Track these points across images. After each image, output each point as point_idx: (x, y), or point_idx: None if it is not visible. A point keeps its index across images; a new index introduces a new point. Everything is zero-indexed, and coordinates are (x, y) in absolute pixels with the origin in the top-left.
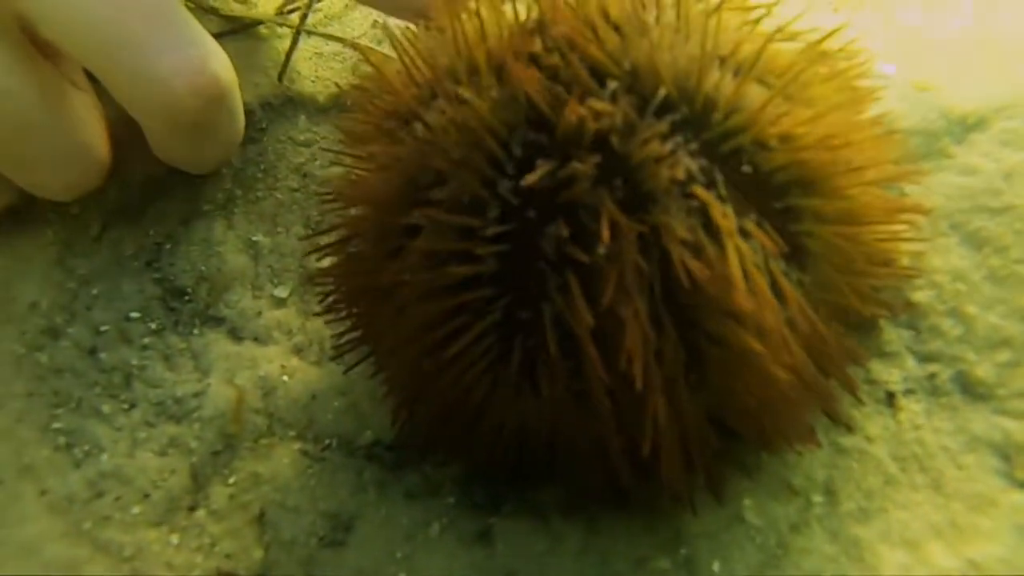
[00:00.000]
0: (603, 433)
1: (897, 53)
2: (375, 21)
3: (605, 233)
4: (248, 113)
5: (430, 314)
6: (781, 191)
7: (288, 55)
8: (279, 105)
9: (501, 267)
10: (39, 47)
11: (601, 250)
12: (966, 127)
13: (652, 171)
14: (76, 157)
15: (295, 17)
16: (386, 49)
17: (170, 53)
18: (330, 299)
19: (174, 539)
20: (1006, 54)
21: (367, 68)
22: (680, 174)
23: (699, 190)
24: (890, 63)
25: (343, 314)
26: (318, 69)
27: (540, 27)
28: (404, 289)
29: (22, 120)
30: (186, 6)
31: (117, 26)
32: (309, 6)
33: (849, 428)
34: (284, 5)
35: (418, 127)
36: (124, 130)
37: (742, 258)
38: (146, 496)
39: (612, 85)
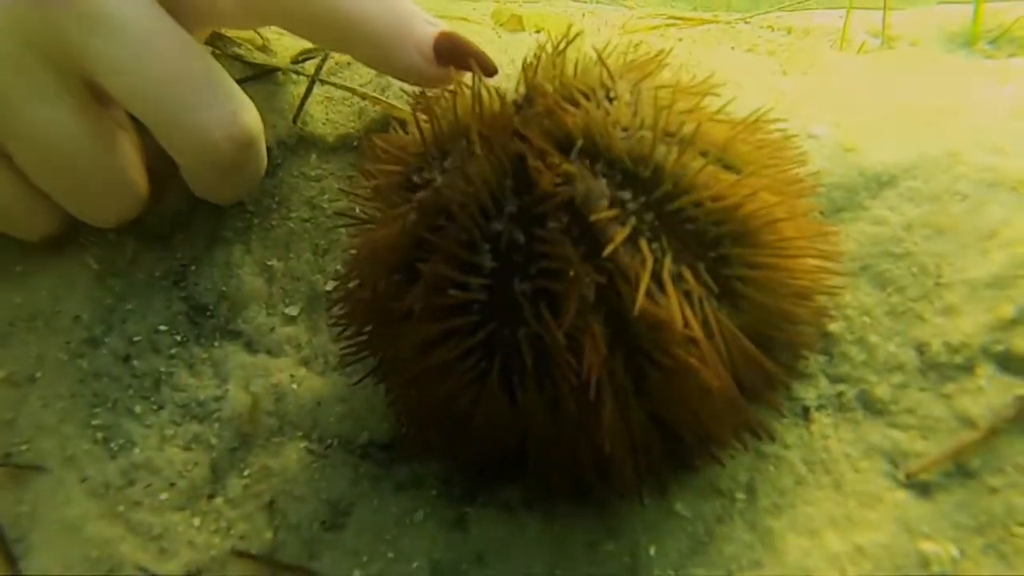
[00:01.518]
0: (568, 434)
1: (829, 116)
2: None
3: (570, 274)
4: (266, 149)
5: (428, 334)
6: (715, 242)
7: (303, 101)
8: (293, 144)
9: (488, 298)
10: (95, 94)
11: (565, 286)
12: (880, 183)
13: (607, 227)
14: (122, 190)
15: (309, 66)
16: (390, 98)
17: (211, 109)
18: (342, 321)
19: (196, 522)
20: (919, 120)
21: (376, 118)
22: (629, 230)
23: (643, 244)
24: (822, 124)
25: (353, 334)
26: (328, 112)
27: (525, 102)
28: (408, 314)
29: (81, 159)
30: (213, 54)
31: (169, 87)
32: (324, 59)
33: (771, 439)
34: (300, 55)
35: (421, 184)
36: (157, 166)
37: (678, 297)
38: (172, 485)
39: (576, 155)
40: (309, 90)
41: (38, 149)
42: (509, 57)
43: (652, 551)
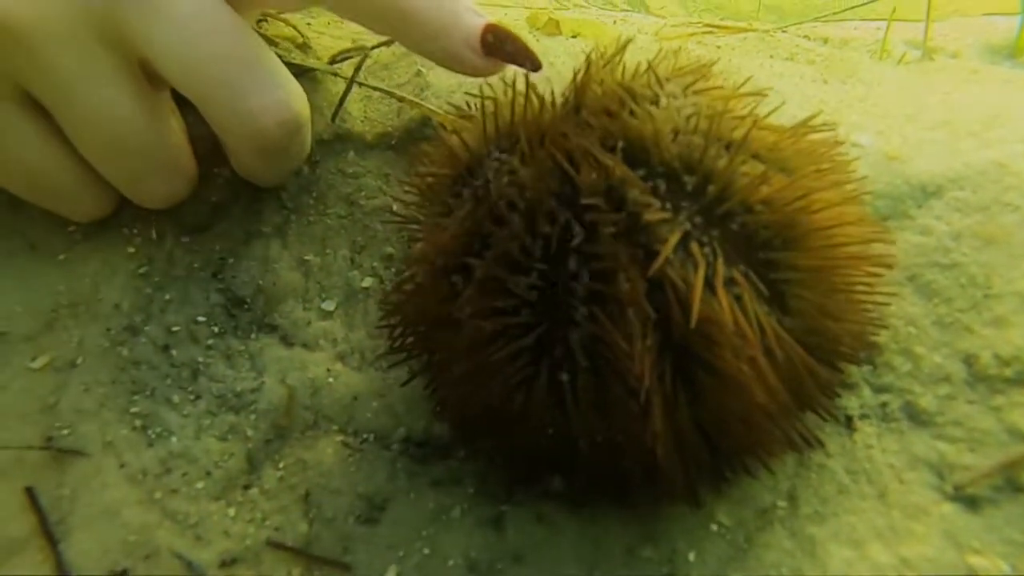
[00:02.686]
0: (616, 439)
1: (872, 125)
2: (419, 70)
3: (622, 279)
4: None
5: (479, 335)
6: (764, 245)
7: (341, 100)
8: (331, 141)
9: (539, 300)
10: (150, 79)
11: (618, 290)
12: (926, 193)
13: (659, 231)
14: (175, 171)
15: (347, 66)
16: (428, 98)
17: (262, 94)
18: (393, 321)
19: (231, 512)
20: (963, 131)
21: (414, 117)
22: (681, 234)
23: (695, 248)
24: (866, 133)
25: (402, 333)
26: (367, 111)
27: (575, 106)
28: (461, 315)
29: (138, 140)
30: None
31: (222, 71)
32: (363, 60)
33: (814, 447)
34: (338, 55)
35: (472, 187)
36: (198, 150)
37: (729, 301)
38: (208, 474)
39: (626, 159)
40: (347, 91)
41: (98, 130)
42: (547, 61)
43: (691, 556)
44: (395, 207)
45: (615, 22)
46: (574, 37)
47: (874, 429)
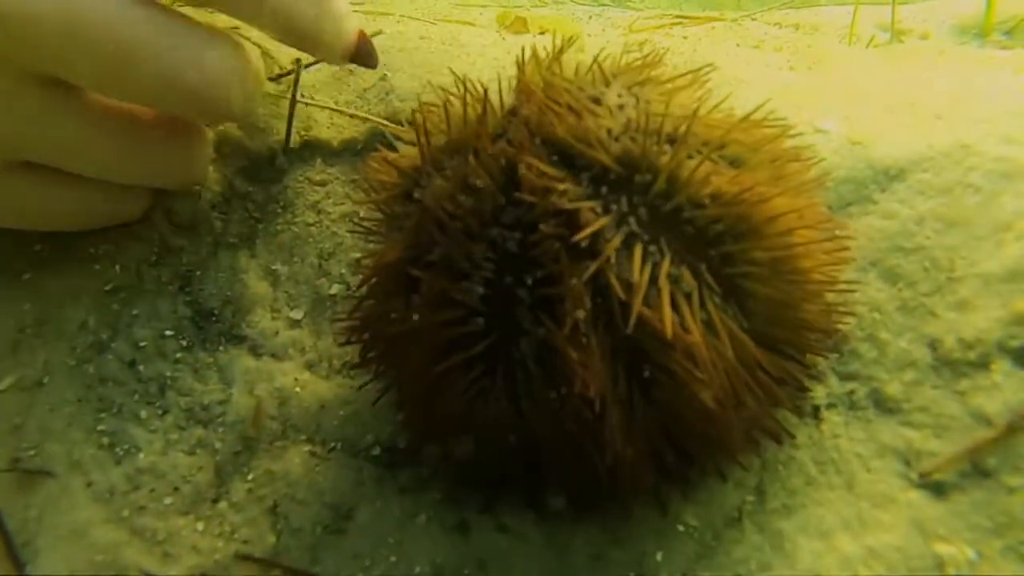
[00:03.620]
0: (576, 443)
1: (837, 110)
2: (384, 74)
3: (565, 285)
4: (270, 156)
5: (430, 347)
6: (716, 240)
7: (288, 125)
8: (298, 149)
9: (488, 308)
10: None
11: (563, 293)
12: (889, 177)
13: (600, 234)
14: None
15: (285, 83)
16: (391, 102)
17: (176, 52)
18: (351, 338)
19: (200, 526)
20: (928, 113)
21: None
22: (623, 236)
23: (637, 250)
24: (830, 119)
25: (365, 350)
26: (333, 117)
27: (513, 111)
28: (411, 328)
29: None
30: None
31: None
32: (297, 76)
33: (791, 438)
34: (276, 75)
35: (418, 197)
36: None
37: (675, 300)
38: (176, 489)
39: (565, 162)
40: (291, 114)
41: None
42: (513, 59)
43: (659, 557)
44: (361, 213)
45: (590, 18)
46: (542, 34)
47: (841, 418)
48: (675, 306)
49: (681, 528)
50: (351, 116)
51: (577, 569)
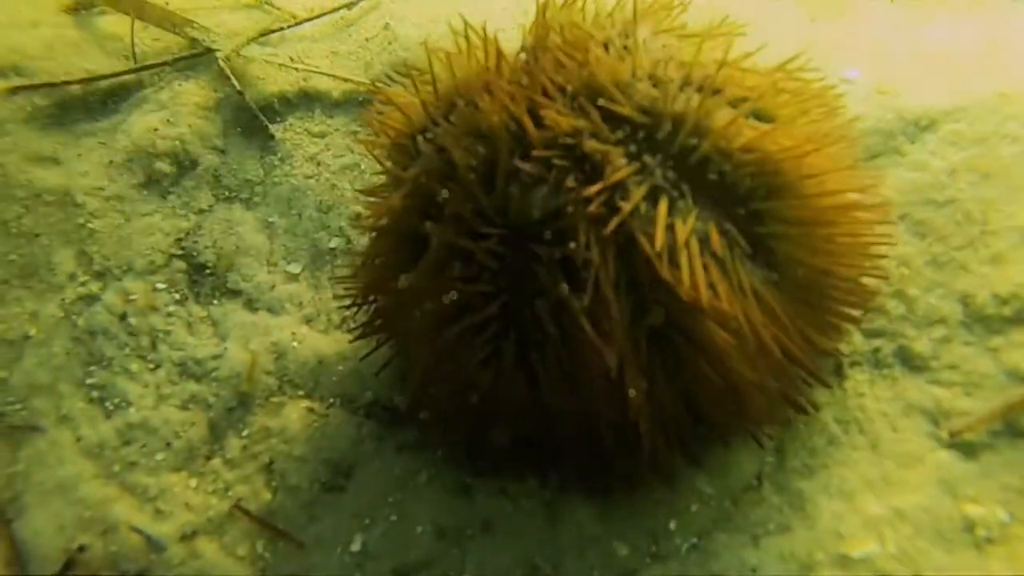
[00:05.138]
0: (593, 413)
1: (863, 60)
2: (387, 23)
3: (584, 241)
4: (268, 106)
5: (438, 308)
6: (747, 197)
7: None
8: (296, 99)
9: (500, 267)
10: None
11: (584, 255)
12: (919, 128)
13: (623, 186)
14: None
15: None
16: (394, 51)
17: None
18: (350, 295)
19: (193, 483)
20: (958, 64)
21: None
22: (647, 188)
23: (663, 203)
24: (856, 68)
25: (362, 310)
26: (333, 67)
27: (530, 56)
28: (417, 287)
29: None
30: None
31: None
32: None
33: (807, 413)
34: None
35: (426, 144)
36: None
37: (704, 260)
38: (168, 445)
39: (587, 108)
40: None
41: None
42: (524, 8)
43: (672, 525)
44: (353, 162)
45: None
46: None
47: (866, 376)
48: (703, 266)
49: (697, 493)
50: (336, 77)
51: (590, 537)
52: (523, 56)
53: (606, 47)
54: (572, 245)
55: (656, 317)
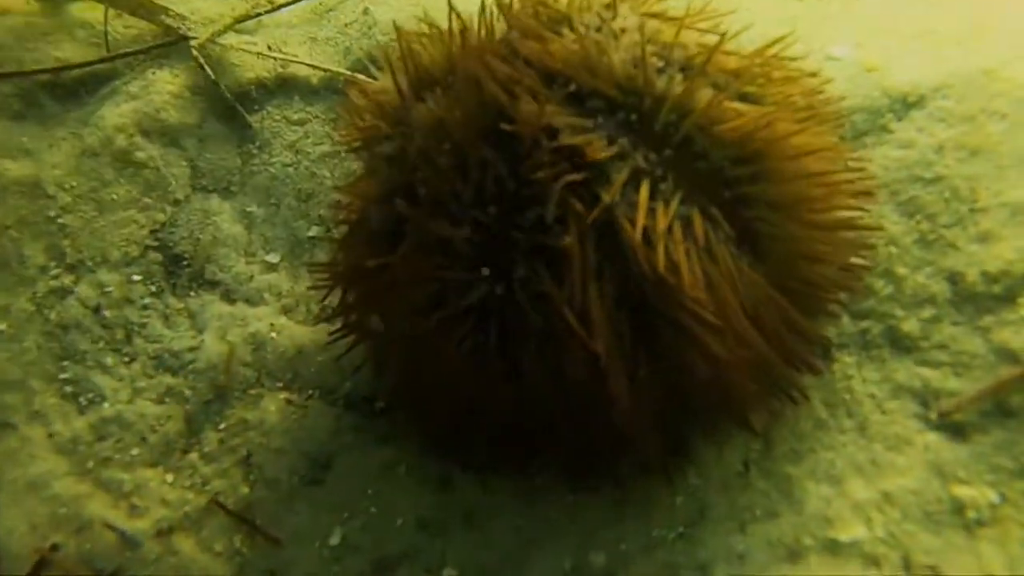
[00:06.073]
0: (577, 404)
1: (850, 38)
2: (366, 8)
3: (570, 231)
4: (245, 93)
5: (415, 298)
6: (732, 181)
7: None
8: (274, 86)
9: (479, 254)
10: None
11: (565, 241)
12: (907, 105)
13: (604, 169)
14: None
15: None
16: (374, 36)
17: None
18: (326, 285)
19: (169, 478)
20: (948, 40)
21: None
22: (628, 172)
23: (644, 187)
24: (842, 46)
25: (338, 301)
26: (312, 53)
27: (508, 35)
28: (394, 276)
29: None
30: None
31: None
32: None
33: (796, 402)
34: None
35: (400, 129)
36: None
37: (687, 246)
38: (144, 439)
39: (564, 90)
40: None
41: None
42: None
43: (658, 515)
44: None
45: None
46: None
47: (853, 358)
48: (685, 252)
49: (683, 483)
50: (307, 65)
51: (572, 529)
52: (500, 37)
53: (586, 27)
54: (551, 232)
55: (638, 304)
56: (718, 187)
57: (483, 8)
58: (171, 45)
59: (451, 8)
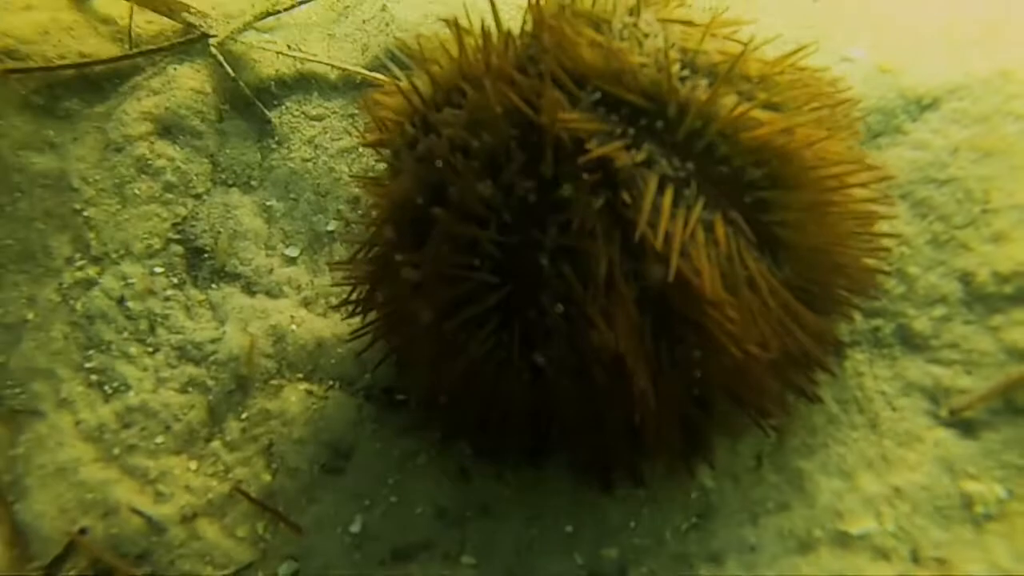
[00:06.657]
0: (599, 407)
1: (865, 39)
2: (384, 5)
3: (589, 231)
4: (264, 89)
5: (439, 299)
6: (752, 186)
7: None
8: (293, 82)
9: (504, 257)
10: None
11: (589, 246)
12: (921, 106)
13: (631, 176)
14: None
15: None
16: (391, 33)
17: None
18: (348, 284)
19: (192, 465)
20: (964, 40)
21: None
22: (657, 179)
23: (668, 193)
24: (858, 47)
25: (360, 300)
26: (330, 50)
27: (535, 38)
28: (418, 278)
29: None
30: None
31: None
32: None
33: (813, 401)
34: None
35: (426, 135)
36: None
37: (708, 250)
38: (168, 428)
39: (590, 96)
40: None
41: None
42: None
43: (671, 508)
44: (351, 145)
45: None
46: None
47: (865, 356)
48: (707, 257)
49: (697, 481)
50: (323, 64)
51: (588, 521)
52: (525, 40)
53: (611, 32)
54: (576, 236)
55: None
56: (739, 193)
57: (493, 9)
58: (193, 43)
59: (493, 7)
